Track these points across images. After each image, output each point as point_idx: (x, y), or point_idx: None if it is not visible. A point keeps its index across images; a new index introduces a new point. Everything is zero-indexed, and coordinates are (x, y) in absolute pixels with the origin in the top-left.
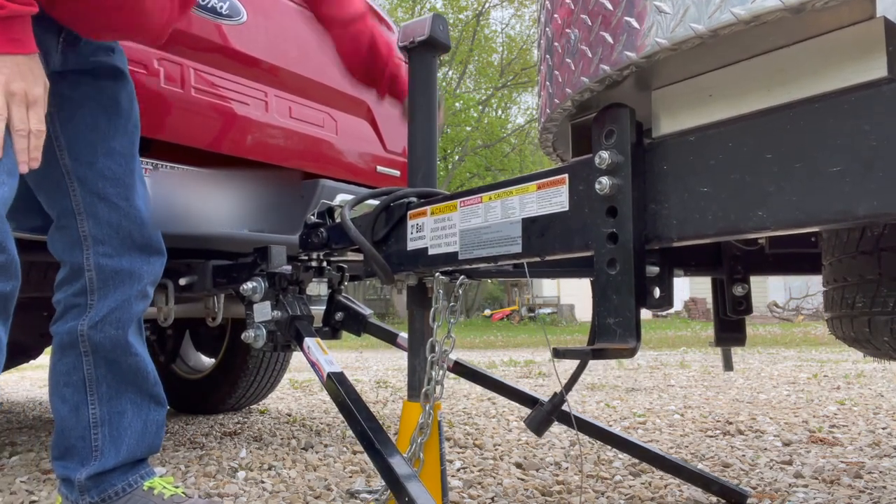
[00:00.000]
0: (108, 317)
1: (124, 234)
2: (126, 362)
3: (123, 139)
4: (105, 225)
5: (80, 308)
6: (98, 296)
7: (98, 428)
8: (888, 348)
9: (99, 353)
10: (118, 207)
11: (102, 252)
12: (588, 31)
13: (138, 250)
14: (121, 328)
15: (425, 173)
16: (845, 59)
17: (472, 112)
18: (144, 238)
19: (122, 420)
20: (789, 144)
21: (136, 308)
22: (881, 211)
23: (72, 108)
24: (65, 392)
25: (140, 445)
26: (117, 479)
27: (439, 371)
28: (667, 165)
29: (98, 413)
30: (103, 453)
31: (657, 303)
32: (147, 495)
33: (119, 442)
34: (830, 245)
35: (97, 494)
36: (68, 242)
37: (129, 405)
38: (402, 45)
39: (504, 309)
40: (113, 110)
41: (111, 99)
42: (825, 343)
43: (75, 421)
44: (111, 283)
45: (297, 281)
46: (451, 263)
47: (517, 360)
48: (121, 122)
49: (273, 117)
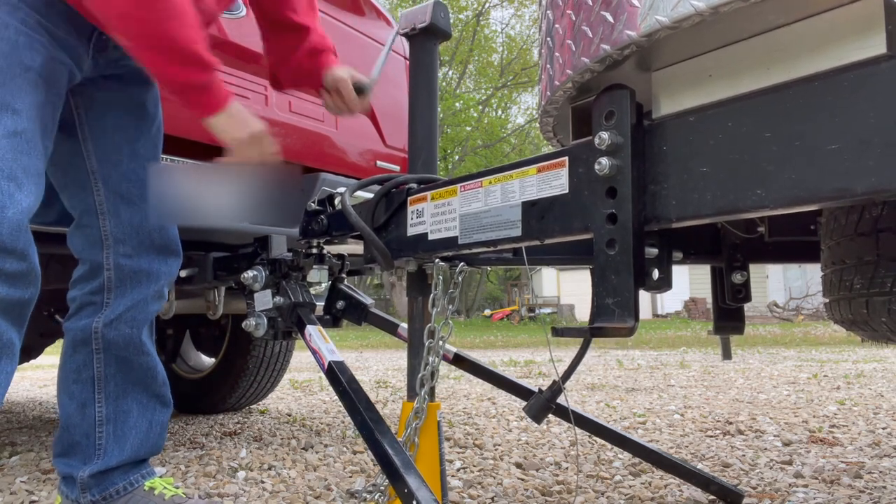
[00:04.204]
0: (123, 315)
1: (144, 235)
2: (137, 361)
3: (147, 142)
4: (126, 225)
5: (96, 306)
6: (115, 294)
7: (103, 426)
8: (886, 329)
9: (111, 352)
10: (140, 209)
11: (122, 252)
12: (589, 11)
13: (156, 251)
14: (135, 327)
15: (425, 160)
16: (844, 36)
17: (472, 112)
18: (163, 239)
19: (127, 419)
20: (788, 123)
21: (152, 308)
22: (880, 188)
23: (100, 111)
24: (73, 389)
25: (144, 445)
26: (119, 478)
27: (436, 358)
28: (666, 146)
29: (104, 411)
30: (107, 451)
31: (655, 284)
32: (148, 495)
33: (123, 441)
34: (829, 228)
35: (98, 493)
36: (89, 241)
37: (136, 405)
38: (402, 32)
39: (504, 309)
40: (139, 114)
41: (138, 103)
42: (825, 343)
43: (81, 418)
44: (129, 282)
45: (298, 267)
46: (451, 248)
47: (517, 360)
48: (146, 125)
49: (273, 111)
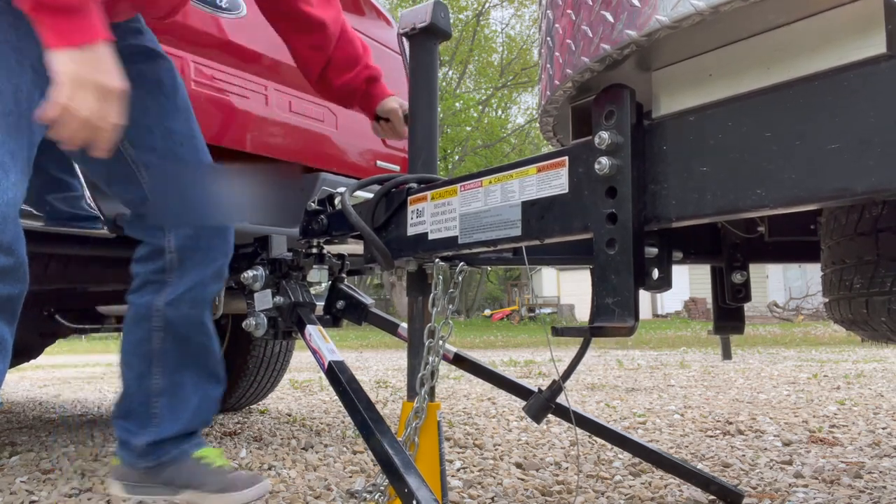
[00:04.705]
0: (184, 296)
1: (200, 216)
2: (196, 340)
3: (177, 116)
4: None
5: (159, 284)
6: (176, 275)
7: (159, 398)
8: (885, 329)
9: (170, 329)
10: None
11: (183, 234)
12: (589, 11)
13: (213, 230)
14: (196, 307)
15: (425, 160)
16: (844, 36)
17: (472, 112)
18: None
19: (182, 393)
20: (788, 123)
21: (212, 288)
22: (880, 187)
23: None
24: (132, 360)
25: (195, 418)
26: (171, 447)
27: (436, 358)
28: (666, 146)
29: (161, 384)
30: (162, 422)
31: (655, 284)
32: (196, 464)
33: (177, 413)
34: (829, 227)
35: (153, 459)
36: (148, 228)
37: (190, 380)
38: (402, 32)
39: (504, 309)
40: (158, 90)
41: (153, 79)
42: (825, 343)
43: (138, 388)
44: (189, 263)
45: (298, 267)
46: (451, 248)
47: (517, 360)
48: (170, 100)
49: (273, 111)
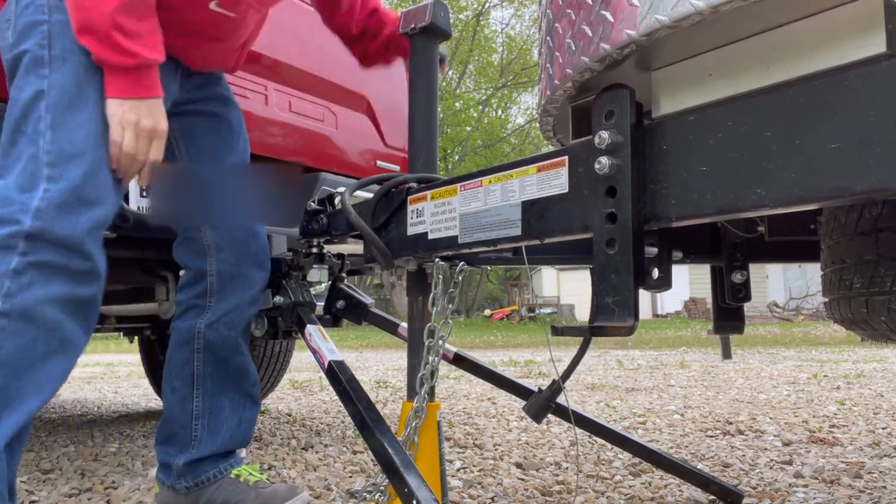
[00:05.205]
0: (223, 318)
1: (241, 243)
2: (233, 361)
3: (236, 158)
4: (226, 236)
5: (200, 308)
6: (216, 298)
7: (199, 419)
8: (885, 329)
9: (210, 351)
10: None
11: (223, 259)
12: (588, 11)
13: (252, 258)
14: (233, 329)
15: (425, 159)
16: (844, 35)
17: (472, 112)
18: (258, 250)
19: (220, 414)
20: (788, 122)
21: (248, 312)
22: (880, 187)
23: (194, 133)
24: (175, 384)
25: (233, 439)
26: (210, 467)
27: (436, 358)
28: (666, 145)
29: (201, 405)
30: (201, 443)
31: (655, 283)
32: (234, 483)
33: (216, 434)
34: (829, 227)
35: (191, 479)
36: (194, 252)
37: (228, 401)
38: (403, 32)
39: (504, 309)
40: (226, 132)
41: (224, 122)
42: (825, 343)
43: (181, 411)
44: (228, 287)
45: (298, 267)
46: (451, 247)
47: (517, 360)
48: (233, 142)
49: (273, 111)
